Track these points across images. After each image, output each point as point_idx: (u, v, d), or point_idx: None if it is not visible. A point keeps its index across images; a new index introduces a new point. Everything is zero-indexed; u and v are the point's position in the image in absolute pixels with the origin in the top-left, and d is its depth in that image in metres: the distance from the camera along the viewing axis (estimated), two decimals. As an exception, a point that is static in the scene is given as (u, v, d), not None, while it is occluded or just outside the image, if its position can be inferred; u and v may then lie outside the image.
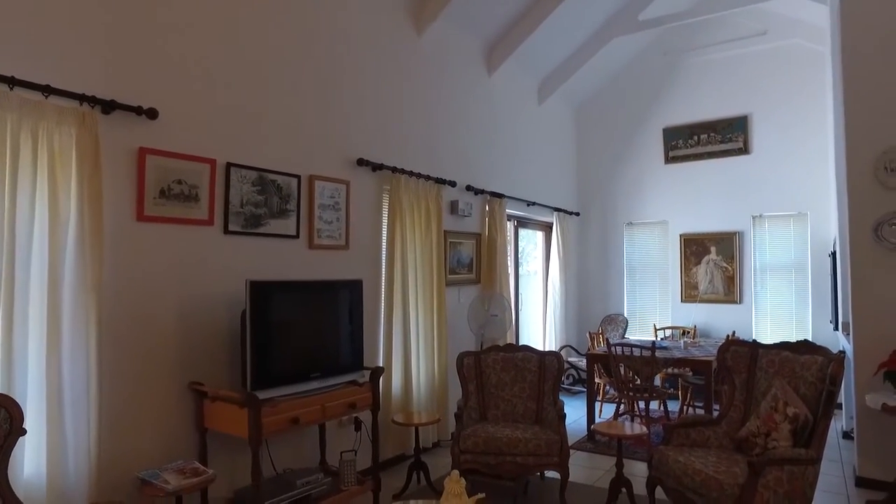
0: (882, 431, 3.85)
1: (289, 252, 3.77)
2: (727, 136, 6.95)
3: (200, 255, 3.26)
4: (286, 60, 3.80)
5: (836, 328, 5.30)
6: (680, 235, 7.21)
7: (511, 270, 6.35)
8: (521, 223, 6.88)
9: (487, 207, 5.82)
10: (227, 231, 3.38)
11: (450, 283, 5.23)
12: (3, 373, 2.41)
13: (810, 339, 3.50)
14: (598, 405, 5.81)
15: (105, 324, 2.77)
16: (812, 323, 6.40)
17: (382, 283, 4.46)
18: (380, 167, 4.42)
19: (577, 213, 7.82)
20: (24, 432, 2.22)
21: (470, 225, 5.60)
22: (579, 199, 7.95)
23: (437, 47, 5.22)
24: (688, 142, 7.19)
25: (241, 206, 3.46)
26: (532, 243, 7.49)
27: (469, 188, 5.54)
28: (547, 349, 5.98)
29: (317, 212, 3.93)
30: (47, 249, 2.56)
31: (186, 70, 3.22)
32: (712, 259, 7.02)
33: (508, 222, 6.42)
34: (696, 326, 6.96)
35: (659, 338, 6.74)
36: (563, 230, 7.21)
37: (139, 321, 2.97)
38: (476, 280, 5.66)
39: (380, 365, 4.24)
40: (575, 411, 5.94)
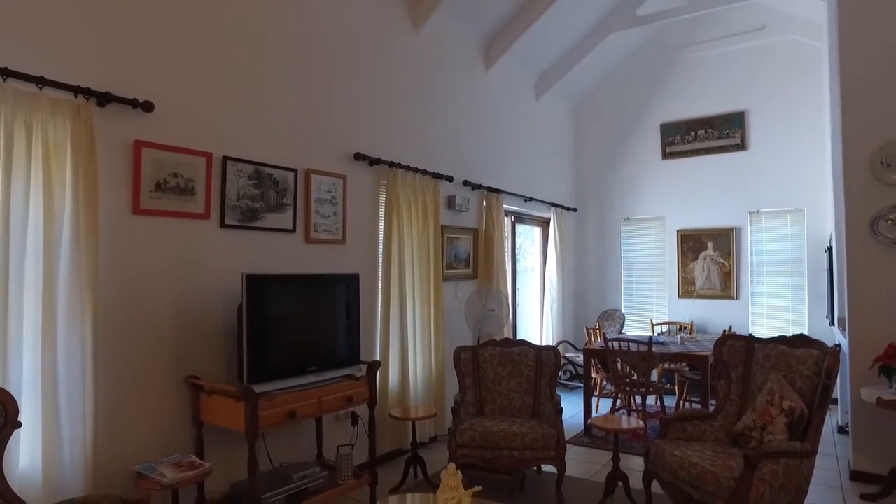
0: (876, 425, 3.86)
1: (286, 246, 3.76)
2: (724, 132, 6.95)
3: (197, 248, 3.25)
4: (283, 54, 3.79)
5: (833, 324, 5.32)
6: (677, 231, 7.22)
7: (508, 266, 6.35)
8: (519, 218, 6.88)
9: (484, 202, 5.81)
10: (223, 225, 3.37)
11: (447, 278, 5.23)
12: (-2, 366, 2.40)
13: (806, 334, 3.51)
14: (594, 400, 5.82)
15: (101, 317, 2.76)
16: (808, 319, 6.42)
17: (379, 277, 4.46)
18: (377, 161, 4.41)
19: (575, 209, 7.82)
20: (18, 425, 2.21)
21: (467, 220, 5.60)
22: (577, 194, 7.95)
23: (434, 41, 5.21)
24: (685, 137, 7.19)
25: (238, 200, 3.45)
26: (529, 239, 7.49)
27: (466, 183, 5.54)
28: (544, 344, 5.98)
29: (314, 206, 3.92)
30: (42, 243, 2.54)
31: (182, 63, 3.20)
32: (709, 255, 7.03)
33: (505, 217, 6.41)
34: (693, 322, 6.98)
35: (656, 333, 6.75)
36: (560, 225, 7.21)
37: (135, 315, 2.96)
38: (473, 275, 5.66)
39: (377, 359, 4.24)
40: (572, 406, 5.95)
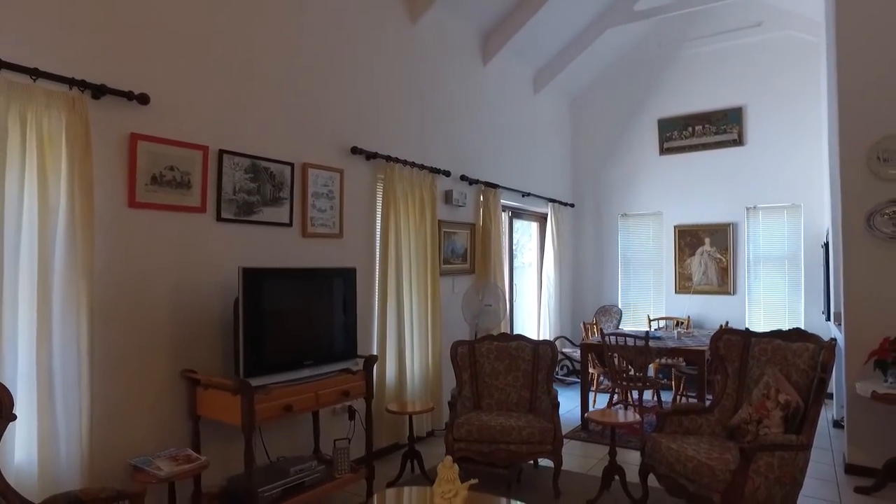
0: (871, 419, 3.88)
1: (282, 240, 3.75)
2: (722, 128, 6.95)
3: (193, 242, 3.24)
4: (280, 47, 3.77)
5: (829, 319, 5.33)
6: (674, 227, 7.23)
7: (505, 261, 6.35)
8: (516, 214, 6.87)
9: (482, 197, 5.80)
10: (219, 218, 3.36)
11: (444, 273, 5.22)
12: (-7, 359, 2.39)
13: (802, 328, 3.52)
14: (591, 395, 5.83)
15: (97, 310, 2.75)
16: (804, 314, 6.43)
17: (376, 271, 4.45)
18: (374, 156, 4.40)
19: (572, 205, 7.82)
20: (13, 418, 2.20)
21: (464, 215, 5.59)
22: (574, 190, 7.95)
23: (431, 35, 5.19)
24: (682, 133, 7.19)
25: (234, 194, 3.44)
26: (527, 234, 7.48)
27: (463, 178, 5.53)
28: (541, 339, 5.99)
29: (310, 200, 3.91)
30: (37, 235, 2.53)
31: (178, 56, 3.18)
32: (706, 250, 7.04)
33: (503, 213, 6.41)
34: (690, 317, 6.99)
35: (653, 328, 6.77)
36: (557, 221, 7.21)
37: (131, 308, 2.95)
38: (470, 270, 5.66)
39: (374, 353, 4.23)
40: (569, 401, 5.96)
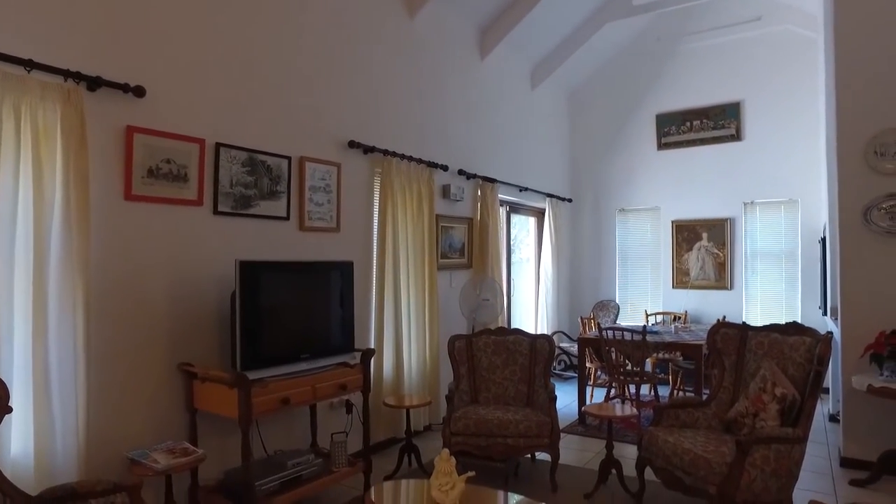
0: (866, 412, 3.89)
1: (279, 234, 3.75)
2: (719, 123, 6.95)
3: (190, 235, 3.23)
4: (277, 40, 3.75)
5: (825, 313, 5.35)
6: (672, 222, 7.23)
7: (503, 256, 6.35)
8: (514, 209, 6.87)
9: (479, 192, 5.80)
10: (216, 212, 3.35)
11: (441, 268, 5.22)
12: (-11, 351, 2.39)
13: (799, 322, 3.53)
14: (589, 390, 5.84)
15: (93, 303, 2.74)
16: (801, 309, 6.44)
17: (374, 265, 4.44)
18: (371, 150, 4.39)
19: (570, 200, 7.82)
20: (9, 410, 2.19)
21: (462, 209, 5.59)
22: (572, 185, 7.94)
23: (429, 30, 5.17)
24: (680, 128, 7.19)
25: (231, 187, 3.43)
26: (524, 230, 7.48)
27: (461, 172, 5.52)
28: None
29: (308, 193, 3.90)
30: (32, 227, 2.52)
31: (175, 48, 3.16)
32: (704, 245, 7.05)
33: (501, 207, 6.41)
34: (688, 312, 7.00)
35: (650, 323, 6.78)
36: (555, 216, 7.21)
37: (128, 301, 2.94)
38: (468, 264, 5.65)
39: (371, 347, 4.23)
40: (566, 396, 5.97)
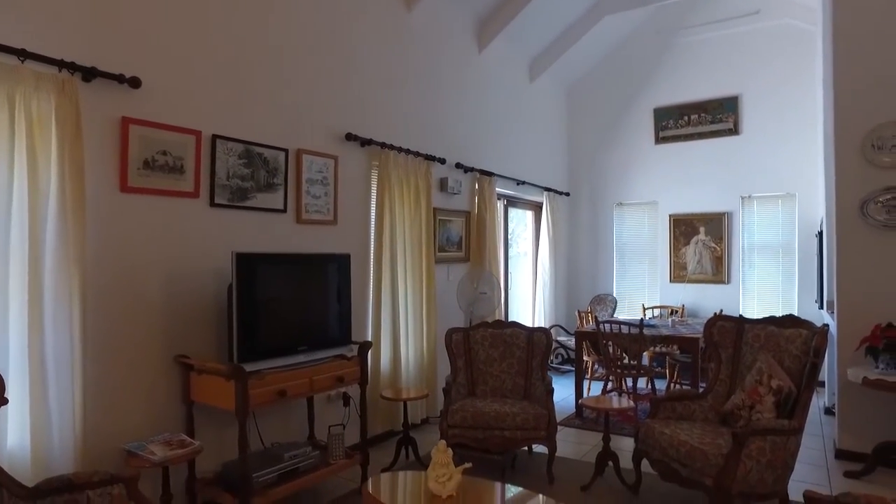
0: (862, 405, 3.91)
1: (276, 226, 3.74)
2: (717, 117, 6.94)
3: (186, 227, 3.22)
4: (273, 32, 3.73)
5: (822, 307, 5.36)
6: (669, 216, 7.23)
7: (500, 249, 6.35)
8: (511, 202, 6.86)
9: (477, 185, 5.79)
10: (213, 204, 3.34)
11: (439, 261, 5.22)
12: (-16, 343, 2.38)
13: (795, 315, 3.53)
14: (586, 383, 5.85)
15: (89, 294, 2.73)
16: (798, 303, 6.46)
17: (371, 258, 4.44)
18: (368, 142, 4.37)
19: (568, 193, 7.81)
20: (5, 401, 2.19)
21: (459, 203, 5.58)
22: (569, 178, 7.94)
23: (426, 22, 5.15)
24: (678, 122, 7.18)
25: (228, 179, 3.42)
26: (522, 223, 7.48)
27: (459, 166, 5.51)
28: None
29: (305, 186, 3.89)
30: (27, 218, 2.50)
31: (170, 39, 3.14)
32: (701, 239, 7.06)
33: (498, 201, 6.40)
34: (685, 306, 7.02)
35: (647, 317, 6.79)
36: (552, 210, 7.20)
37: (124, 293, 2.93)
38: (465, 258, 5.65)
39: (368, 339, 4.23)
40: (563, 389, 5.99)
